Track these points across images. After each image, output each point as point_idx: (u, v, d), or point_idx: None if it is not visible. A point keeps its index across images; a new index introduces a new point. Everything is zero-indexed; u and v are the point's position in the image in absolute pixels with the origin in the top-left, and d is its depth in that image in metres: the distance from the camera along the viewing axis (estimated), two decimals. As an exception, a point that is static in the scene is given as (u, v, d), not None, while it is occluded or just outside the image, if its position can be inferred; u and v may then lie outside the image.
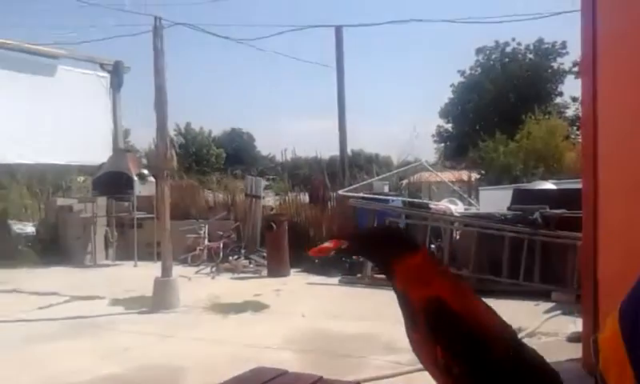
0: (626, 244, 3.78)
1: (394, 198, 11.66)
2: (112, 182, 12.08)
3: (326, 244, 1.17)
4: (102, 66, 13.52)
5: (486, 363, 0.95)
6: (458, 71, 32.41)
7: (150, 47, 8.19)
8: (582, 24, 4.40)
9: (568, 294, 7.26)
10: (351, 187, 13.29)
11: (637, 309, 1.50)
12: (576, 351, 4.76)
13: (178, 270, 8.33)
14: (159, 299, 7.64)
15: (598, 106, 4.26)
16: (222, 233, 11.62)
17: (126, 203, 12.56)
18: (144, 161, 13.96)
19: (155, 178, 11.54)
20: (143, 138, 45.86)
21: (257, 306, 7.74)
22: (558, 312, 6.83)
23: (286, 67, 65.93)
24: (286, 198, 13.84)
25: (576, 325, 5.76)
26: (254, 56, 78.20)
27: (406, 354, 5.15)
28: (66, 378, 4.93)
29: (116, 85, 13.68)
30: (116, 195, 12.42)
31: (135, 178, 11.96)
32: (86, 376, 4.97)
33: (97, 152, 12.86)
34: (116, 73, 13.61)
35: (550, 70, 31.45)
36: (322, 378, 1.75)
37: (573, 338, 5.45)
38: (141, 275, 9.72)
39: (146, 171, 12.36)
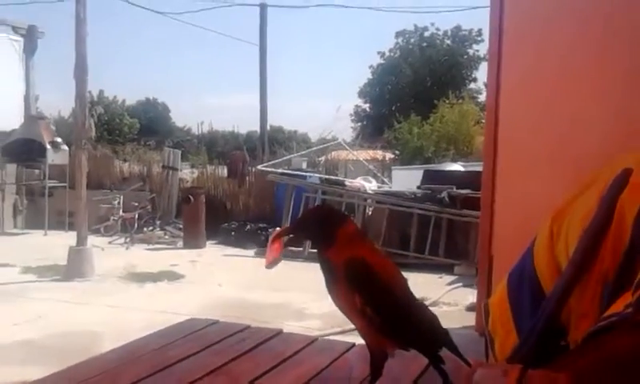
0: (518, 223, 4.14)
1: (312, 175, 11.91)
2: (23, 149, 11.70)
3: (272, 246, 1.34)
4: (15, 30, 12.95)
5: (390, 306, 1.22)
6: (378, 52, 32.89)
7: (67, 13, 8.04)
8: (491, 16, 4.72)
9: (469, 268, 7.76)
10: (270, 163, 13.44)
11: (521, 275, 1.80)
12: (473, 320, 5.16)
13: (90, 240, 8.24)
14: (73, 268, 7.59)
15: (500, 94, 4.59)
16: (136, 204, 11.51)
17: (37, 171, 12.23)
18: (52, 128, 13.46)
19: (69, 147, 11.31)
20: (52, 104, 44.07)
21: (172, 276, 7.82)
22: (460, 284, 7.31)
23: (207, 42, 64.67)
24: (204, 171, 13.86)
25: (474, 296, 6.18)
26: (176, 30, 76.98)
27: (314, 320, 5.46)
28: (-23, 343, 4.89)
29: (29, 50, 13.15)
30: (27, 163, 12.08)
31: (48, 146, 11.66)
32: (-2, 342, 4.95)
33: (7, 118, 12.35)
34: (30, 37, 13.08)
35: (465, 56, 32.36)
36: (249, 326, 1.82)
37: (471, 308, 5.90)
38: (52, 244, 9.57)
39: (59, 139, 12.06)
